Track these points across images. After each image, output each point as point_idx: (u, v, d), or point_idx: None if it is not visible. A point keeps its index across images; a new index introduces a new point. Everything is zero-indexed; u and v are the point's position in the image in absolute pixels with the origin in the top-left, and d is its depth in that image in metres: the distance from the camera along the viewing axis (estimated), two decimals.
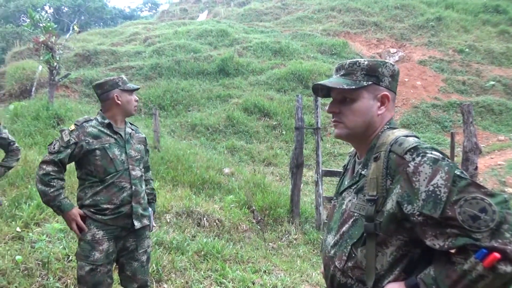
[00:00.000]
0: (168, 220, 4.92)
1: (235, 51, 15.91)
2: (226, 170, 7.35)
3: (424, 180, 1.00)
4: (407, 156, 1.06)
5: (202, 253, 4.11)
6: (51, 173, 2.26)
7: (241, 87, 13.61)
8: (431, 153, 1.04)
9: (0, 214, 4.33)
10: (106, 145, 2.33)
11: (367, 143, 1.24)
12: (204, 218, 5.07)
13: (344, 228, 1.20)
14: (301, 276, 3.93)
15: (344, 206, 1.25)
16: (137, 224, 2.39)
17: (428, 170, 1.01)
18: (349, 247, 1.15)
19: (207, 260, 3.99)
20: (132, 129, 2.56)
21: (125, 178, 2.36)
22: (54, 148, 2.29)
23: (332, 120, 1.29)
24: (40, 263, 3.49)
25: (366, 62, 1.23)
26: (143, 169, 2.55)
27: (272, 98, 12.65)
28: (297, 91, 13.17)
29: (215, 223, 5.04)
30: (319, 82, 1.27)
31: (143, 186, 2.51)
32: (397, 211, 1.05)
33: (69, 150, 2.27)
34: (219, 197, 6.07)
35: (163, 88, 12.95)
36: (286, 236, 5.17)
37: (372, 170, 1.14)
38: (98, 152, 2.30)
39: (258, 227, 5.29)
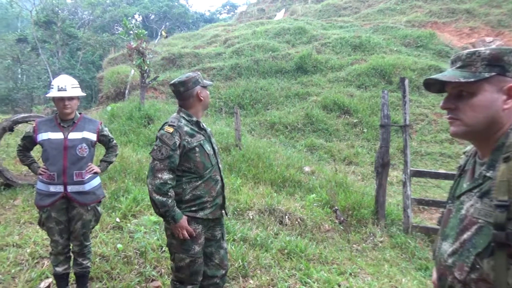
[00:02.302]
0: (251, 217, 5.01)
1: (313, 48, 15.70)
2: (306, 169, 7.27)
3: None
4: None
5: (286, 251, 4.11)
6: (168, 181, 2.28)
7: (319, 85, 13.39)
8: None
9: (103, 206, 4.74)
10: (201, 141, 2.42)
11: (492, 141, 1.10)
12: (286, 216, 5.06)
13: (465, 236, 1.08)
14: (390, 282, 3.72)
15: (463, 211, 1.12)
16: (228, 212, 2.58)
17: None
18: (472, 257, 1.03)
19: (290, 258, 3.98)
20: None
21: (217, 171, 2.50)
22: (162, 154, 2.28)
23: (447, 117, 1.17)
24: (138, 252, 3.76)
25: (487, 51, 1.09)
26: None
27: (352, 95, 12.25)
28: (379, 87, 12.60)
29: (297, 222, 5.01)
30: (431, 77, 1.16)
31: None
32: None
33: (178, 152, 2.31)
34: (299, 196, 6.03)
35: (243, 87, 13.23)
36: (371, 238, 4.95)
37: (502, 172, 1.00)
38: (197, 149, 2.38)
39: (341, 227, 5.14)
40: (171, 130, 2.33)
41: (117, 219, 4.56)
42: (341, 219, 5.27)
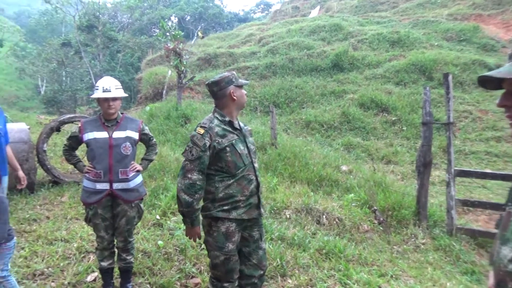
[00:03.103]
0: (287, 216, 4.99)
1: (349, 45, 15.41)
2: (344, 168, 7.14)
3: None
4: None
5: (324, 251, 4.05)
6: (197, 183, 2.34)
7: (356, 82, 13.12)
8: None
9: (143, 203, 4.88)
10: (233, 141, 2.42)
11: None
12: (324, 216, 5.00)
13: None
14: (434, 286, 3.59)
15: None
16: (262, 212, 2.55)
17: None
18: None
19: (329, 258, 3.92)
20: (241, 122, 2.66)
21: (251, 171, 2.47)
22: (193, 155, 2.34)
23: (506, 115, 1.10)
24: (178, 249, 3.84)
25: None
26: None
27: (390, 92, 11.91)
28: (418, 83, 12.18)
29: (334, 222, 4.94)
30: (486, 73, 1.10)
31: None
32: None
33: (208, 153, 2.35)
34: (337, 195, 5.93)
35: (278, 86, 13.20)
36: (413, 240, 4.79)
37: None
38: (228, 149, 2.39)
39: (381, 228, 5.01)
40: (202, 131, 2.39)
41: (157, 216, 4.68)
42: (381, 220, 5.14)
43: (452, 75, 5.17)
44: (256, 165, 2.55)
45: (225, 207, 2.40)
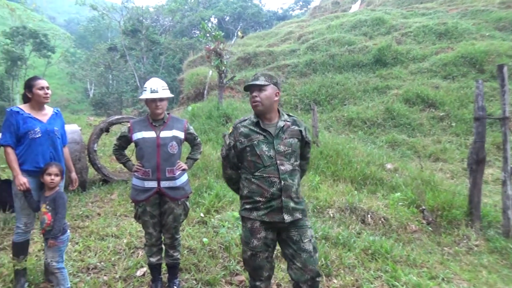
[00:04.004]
0: (331, 215, 4.91)
1: (393, 39, 14.94)
2: (389, 166, 6.93)
3: None
4: None
5: (370, 251, 3.95)
6: (233, 176, 2.64)
7: (400, 77, 12.69)
8: None
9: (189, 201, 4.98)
10: (255, 142, 2.43)
11: None
12: (368, 215, 4.88)
13: None
14: None
15: None
16: (287, 218, 2.38)
17: None
18: None
19: (375, 259, 3.81)
20: (288, 122, 2.52)
21: (273, 173, 2.39)
22: (223, 153, 2.59)
23: None
24: (222, 246, 3.89)
25: None
26: (296, 162, 2.49)
27: (437, 87, 11.41)
28: (468, 76, 11.59)
29: (380, 221, 4.80)
30: None
31: (295, 180, 2.45)
32: None
33: (232, 152, 2.54)
34: (382, 194, 5.77)
35: (318, 83, 13.04)
36: (465, 241, 4.55)
37: None
38: (248, 149, 2.44)
39: (430, 228, 4.81)
40: (230, 131, 2.58)
41: (201, 214, 4.76)
42: (430, 220, 4.94)
43: (506, 66, 4.86)
44: (283, 167, 2.40)
45: (247, 206, 2.47)
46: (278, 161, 2.40)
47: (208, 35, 11.66)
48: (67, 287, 2.96)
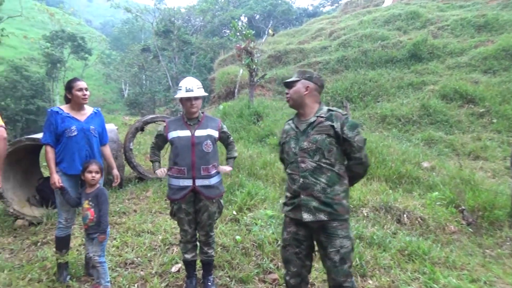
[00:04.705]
0: (365, 214, 4.82)
1: (428, 33, 14.43)
2: (425, 164, 6.71)
3: None
4: None
5: (406, 252, 3.85)
6: (284, 168, 2.67)
7: (437, 72, 12.25)
8: None
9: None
10: (287, 139, 2.51)
11: None
12: (404, 215, 4.75)
13: None
14: None
15: None
16: (306, 217, 2.32)
17: None
18: None
19: (412, 260, 3.71)
20: (323, 117, 2.40)
21: (295, 170, 2.41)
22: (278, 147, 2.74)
23: None
24: (255, 244, 3.90)
25: None
26: (326, 160, 2.32)
27: (477, 82, 10.93)
28: (510, 70, 11.04)
29: (417, 221, 4.67)
30: None
31: (321, 179, 2.31)
32: None
33: (280, 148, 2.66)
34: (418, 193, 5.59)
35: (350, 80, 12.80)
36: (508, 243, 4.35)
37: None
38: (284, 145, 2.54)
39: (470, 230, 4.63)
40: (283, 128, 2.68)
41: (234, 212, 4.80)
42: (470, 221, 4.75)
43: None
44: (303, 165, 2.34)
45: (284, 200, 2.59)
46: (299, 158, 2.38)
47: (238, 34, 11.72)
48: (107, 281, 3.06)
